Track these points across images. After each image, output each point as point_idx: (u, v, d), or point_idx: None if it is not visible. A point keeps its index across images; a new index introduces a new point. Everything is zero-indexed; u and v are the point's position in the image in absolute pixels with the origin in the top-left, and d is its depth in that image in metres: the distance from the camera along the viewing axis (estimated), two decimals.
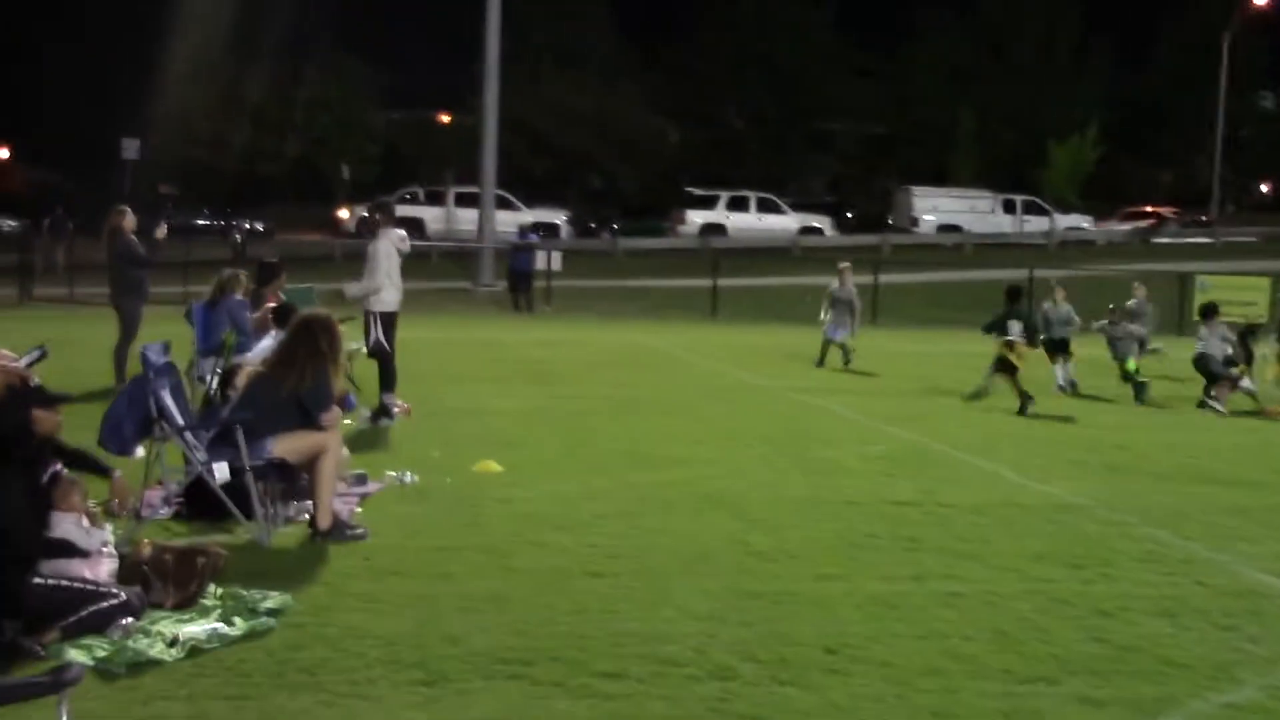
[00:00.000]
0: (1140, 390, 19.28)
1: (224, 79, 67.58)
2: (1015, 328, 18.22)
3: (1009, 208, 61.41)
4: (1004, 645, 7.03)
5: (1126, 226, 62.77)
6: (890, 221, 62.16)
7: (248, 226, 55.06)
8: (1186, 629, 7.44)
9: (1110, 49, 74.62)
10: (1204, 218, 65.80)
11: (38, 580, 6.59)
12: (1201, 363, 19.13)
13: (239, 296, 14.62)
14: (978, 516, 10.30)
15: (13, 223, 52.70)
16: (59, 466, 7.18)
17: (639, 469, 12.00)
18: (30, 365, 4.59)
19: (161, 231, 16.98)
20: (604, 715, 5.88)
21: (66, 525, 7.01)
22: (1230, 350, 19.26)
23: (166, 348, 9.33)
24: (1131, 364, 20.12)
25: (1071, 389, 20.24)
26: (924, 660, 6.73)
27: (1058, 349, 20.68)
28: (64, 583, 6.69)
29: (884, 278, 36.73)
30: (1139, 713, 6.14)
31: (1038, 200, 62.95)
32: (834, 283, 23.56)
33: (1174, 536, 9.87)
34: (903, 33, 75.24)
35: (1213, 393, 18.60)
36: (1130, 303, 23.33)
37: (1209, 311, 20.02)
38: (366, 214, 15.17)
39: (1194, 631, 7.40)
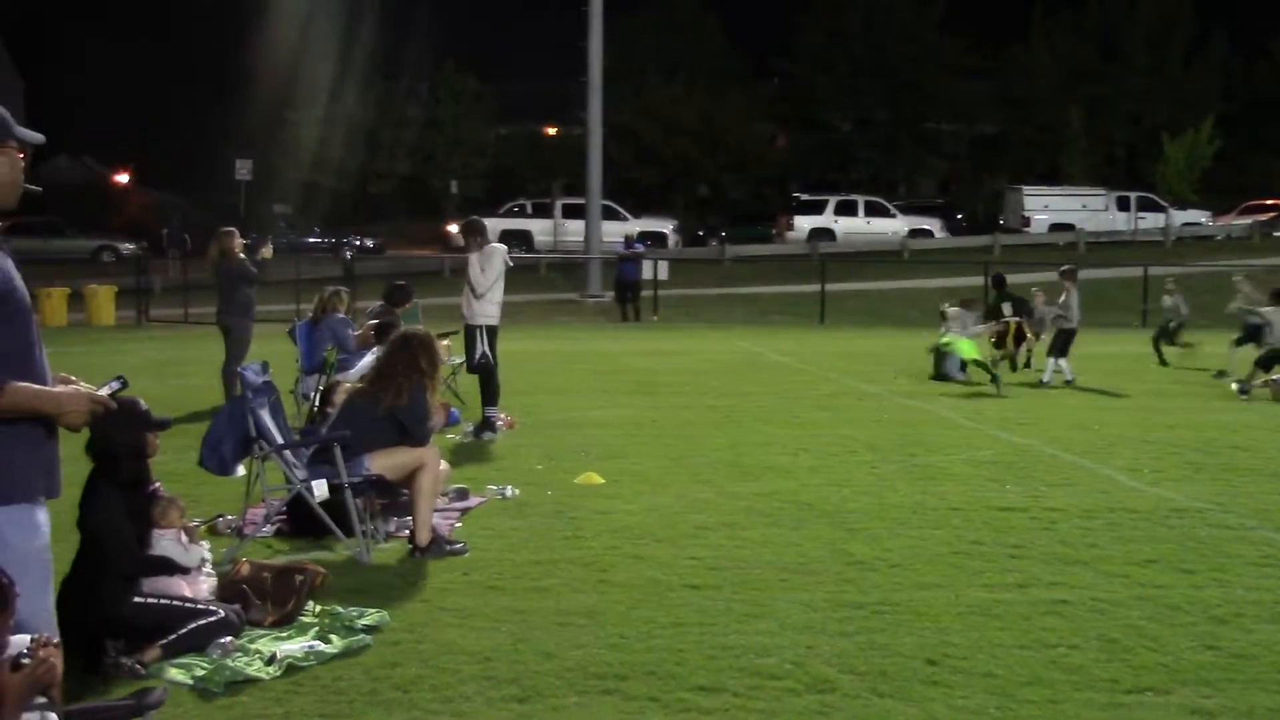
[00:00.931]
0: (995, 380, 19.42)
1: (336, 101, 68.55)
2: (1008, 309, 21.46)
3: (1123, 205, 60.38)
4: (1111, 654, 6.84)
5: (1246, 220, 61.40)
6: (1001, 222, 61.43)
7: (358, 243, 55.72)
8: None
9: (1226, 40, 73.15)
10: None
11: (138, 599, 6.67)
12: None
13: (341, 314, 14.76)
14: (1086, 521, 10.08)
15: (131, 245, 53.80)
16: (157, 484, 7.27)
17: (741, 479, 11.91)
18: (110, 395, 4.62)
19: (268, 251, 17.18)
20: None
21: (165, 542, 7.09)
22: None
23: (265, 367, 9.42)
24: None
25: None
26: (1028, 670, 6.58)
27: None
28: (164, 601, 6.77)
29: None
30: None
31: (1153, 196, 61.84)
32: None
33: None
34: (1012, 32, 74.39)
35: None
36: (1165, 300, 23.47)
37: None
38: (465, 231, 15.14)
39: None
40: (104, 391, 4.59)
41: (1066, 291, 21.03)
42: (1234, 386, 18.97)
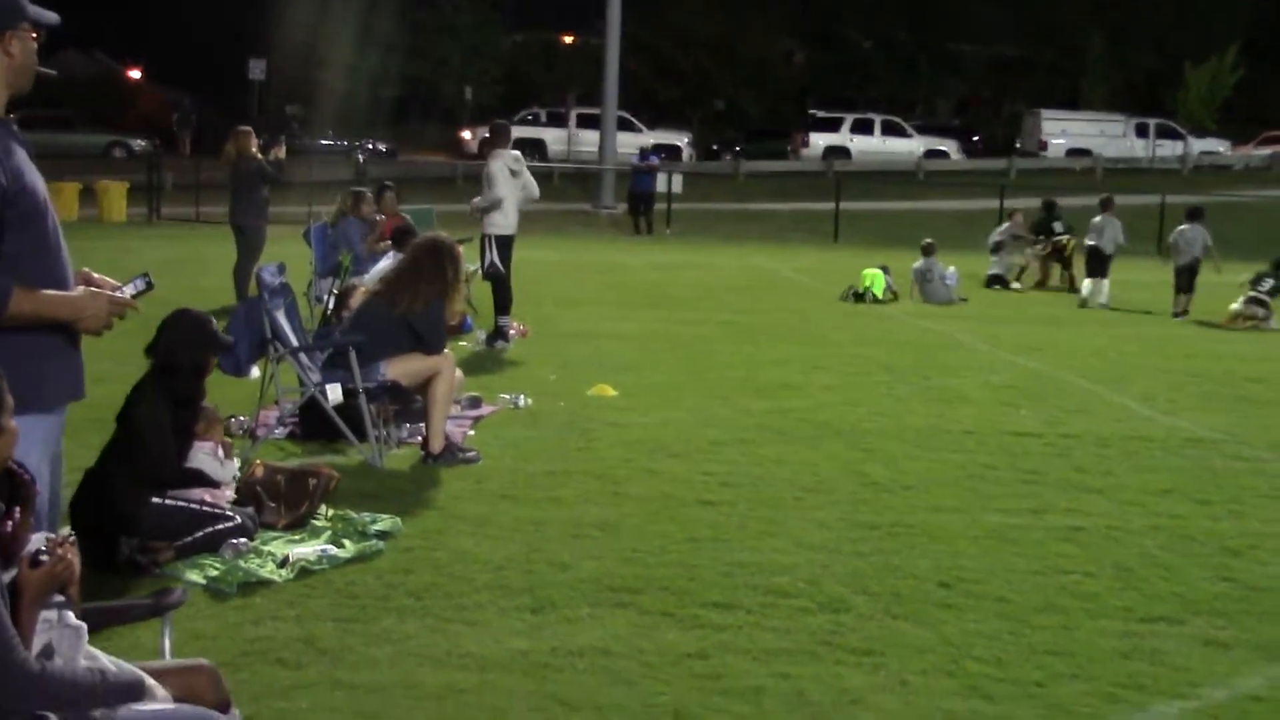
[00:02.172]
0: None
1: (351, 2, 67.88)
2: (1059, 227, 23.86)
3: (1141, 132, 59.88)
4: (1126, 582, 6.81)
5: (1266, 151, 60.90)
6: (1018, 145, 60.99)
7: (370, 147, 55.40)
8: None
9: None
10: None
11: (156, 500, 6.63)
12: None
13: (357, 218, 14.67)
14: (1102, 449, 10.03)
15: (143, 142, 53.52)
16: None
17: (756, 396, 11.87)
18: (136, 296, 4.53)
19: (281, 151, 17.02)
20: (712, 646, 5.78)
21: (202, 455, 7.09)
22: None
23: (282, 268, 9.35)
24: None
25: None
26: (1042, 597, 6.55)
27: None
28: (181, 503, 6.74)
29: (1009, 202, 36.00)
30: (1267, 656, 5.91)
31: (1172, 124, 61.32)
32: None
33: None
34: None
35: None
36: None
37: None
38: (487, 135, 15.08)
39: None
40: (127, 291, 4.50)
41: (1104, 217, 22.16)
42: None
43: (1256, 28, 70.24)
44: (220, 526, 6.69)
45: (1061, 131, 59.54)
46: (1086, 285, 21.79)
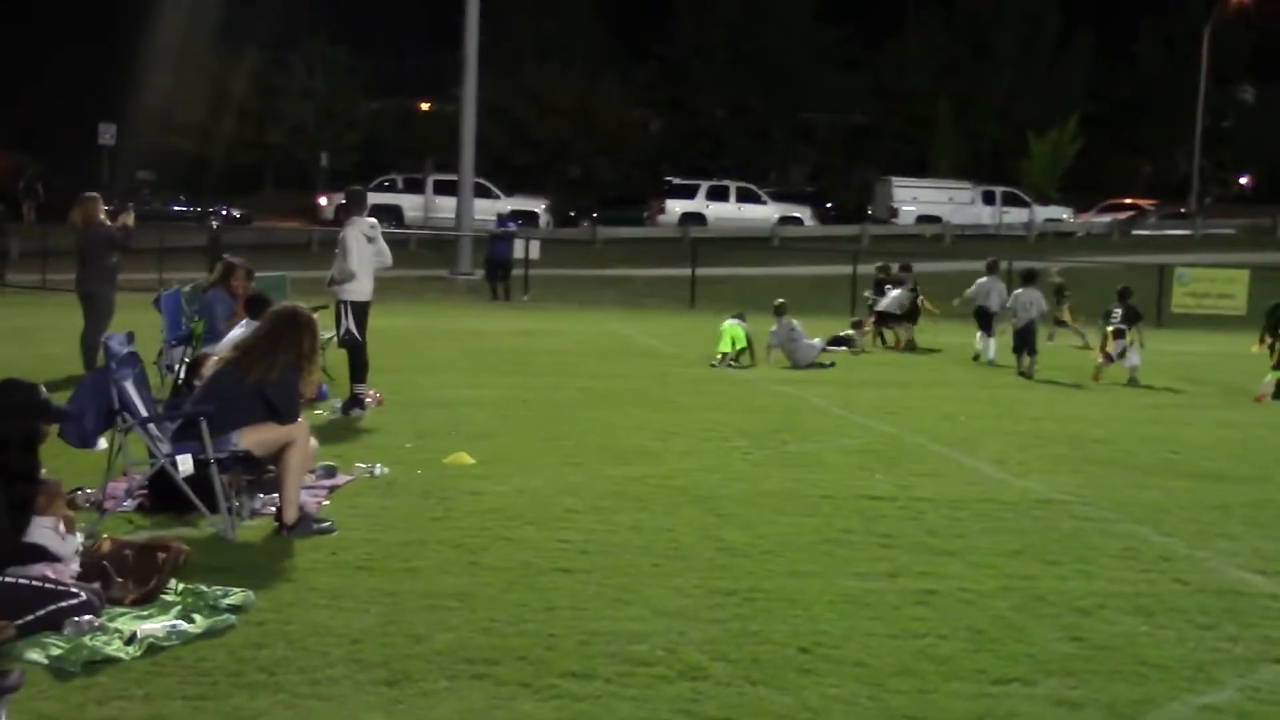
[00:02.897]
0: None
1: (205, 67, 67.13)
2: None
3: (988, 199, 61.40)
4: (979, 644, 6.90)
5: (1106, 218, 62.74)
6: (870, 212, 62.11)
7: (225, 213, 54.71)
8: (1164, 628, 7.33)
9: (1092, 41, 74.56)
10: (1183, 210, 65.80)
11: None
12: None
13: (223, 289, 14.42)
14: (955, 512, 10.18)
15: None
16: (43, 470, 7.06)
17: (613, 462, 11.86)
18: None
19: (129, 218, 16.67)
20: (571, 717, 5.75)
21: (42, 530, 6.88)
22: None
23: (130, 337, 9.17)
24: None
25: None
26: (898, 660, 6.61)
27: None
28: (22, 580, 6.53)
29: (862, 268, 36.56)
30: (1115, 715, 6.03)
31: (1017, 191, 62.94)
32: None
33: (1153, 532, 9.77)
34: (886, 25, 75.07)
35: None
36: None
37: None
38: (343, 201, 15.04)
39: (1172, 630, 7.29)
40: None
41: (989, 279, 23.94)
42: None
43: (1095, 99, 72.53)
44: (64, 604, 6.48)
45: (912, 198, 60.86)
46: (979, 340, 23.40)
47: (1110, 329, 20.96)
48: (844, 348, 24.12)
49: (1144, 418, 16.59)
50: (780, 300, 22.42)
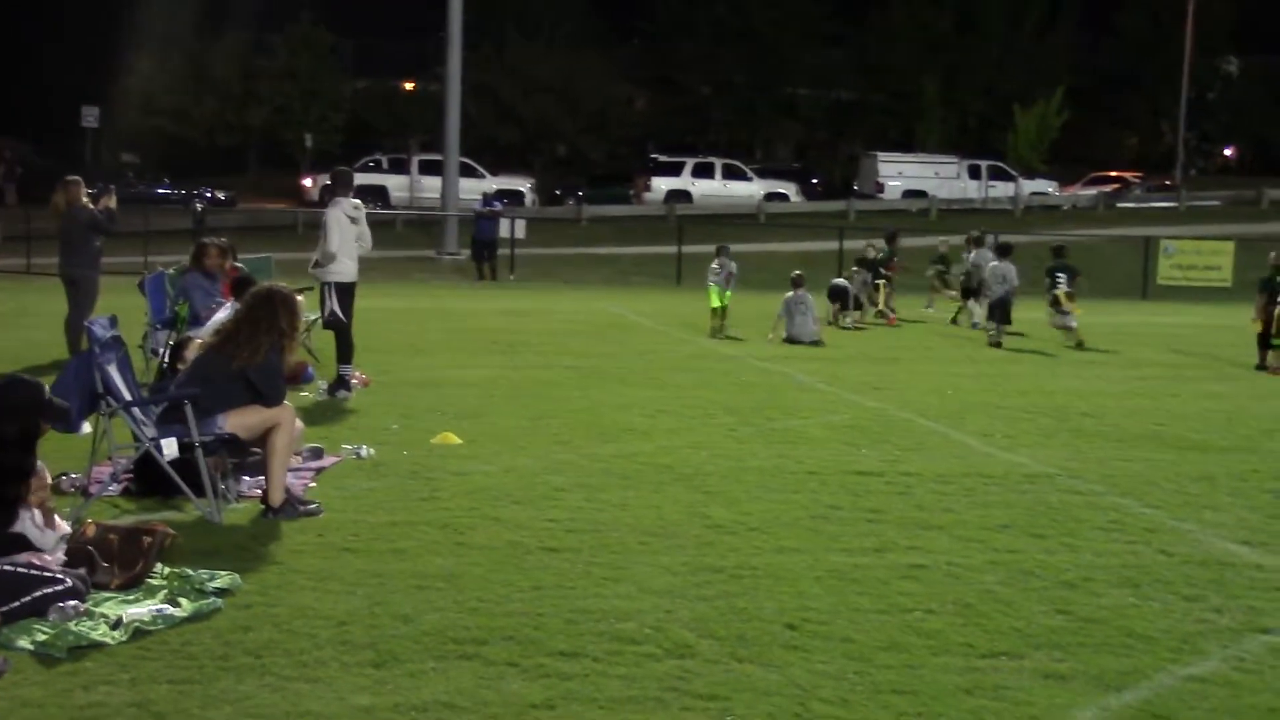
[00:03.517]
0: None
1: (187, 48, 66.85)
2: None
3: (974, 173, 61.39)
4: (967, 618, 6.91)
5: (1091, 191, 62.76)
6: (856, 187, 62.08)
7: (209, 195, 54.55)
8: (1150, 600, 7.35)
9: (1076, 14, 74.48)
10: (1168, 182, 65.84)
11: None
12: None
13: (198, 271, 14.39)
14: (942, 486, 10.20)
15: None
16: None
17: (600, 441, 11.86)
18: None
19: (111, 200, 16.57)
20: (558, 696, 5.74)
21: (22, 520, 6.85)
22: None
23: (114, 321, 9.14)
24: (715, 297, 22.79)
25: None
26: (886, 635, 6.62)
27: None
28: (7, 567, 6.52)
29: (849, 243, 36.58)
30: (1103, 686, 6.04)
31: (1003, 165, 62.93)
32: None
33: (1139, 504, 9.79)
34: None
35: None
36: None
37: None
38: (328, 182, 14.95)
39: (1158, 602, 7.31)
40: None
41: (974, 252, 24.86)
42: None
43: (1080, 72, 72.49)
44: (48, 590, 6.45)
45: (898, 173, 60.79)
46: (971, 306, 24.84)
47: (1061, 291, 22.13)
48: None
49: (1130, 390, 16.62)
50: (798, 272, 22.50)
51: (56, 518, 7.28)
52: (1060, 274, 22.54)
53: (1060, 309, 22.21)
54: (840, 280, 25.81)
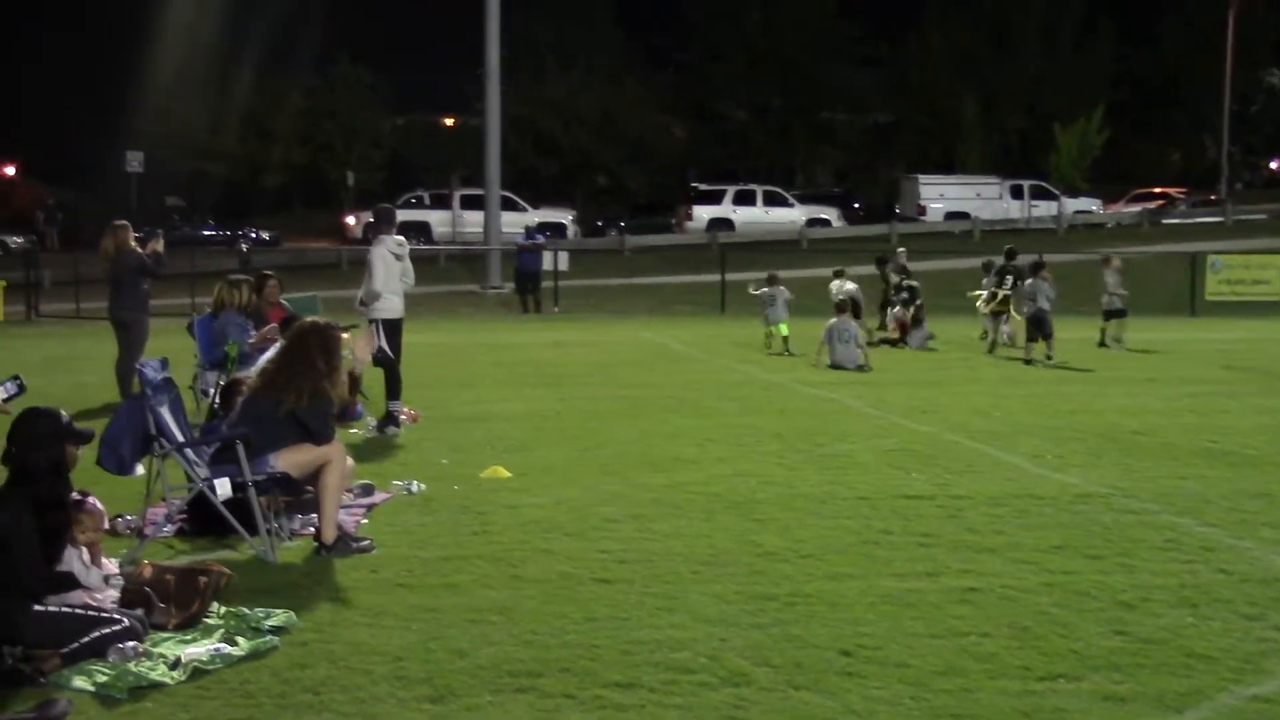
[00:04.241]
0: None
1: (227, 90, 67.58)
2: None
3: (1016, 193, 61.22)
4: (1023, 641, 6.88)
5: (1135, 208, 62.46)
6: (897, 210, 61.98)
7: (254, 235, 55.00)
8: (1210, 619, 7.28)
9: (1115, 29, 74.30)
10: (1213, 197, 65.44)
11: (38, 607, 6.47)
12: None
13: (235, 308, 14.49)
14: (994, 509, 10.14)
15: (19, 240, 52.74)
16: (89, 496, 7.11)
17: (650, 471, 11.86)
18: (7, 400, 4.45)
19: (159, 245, 16.77)
20: None
21: (71, 559, 6.91)
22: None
23: (164, 364, 9.21)
24: (783, 328, 23.99)
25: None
26: (941, 660, 6.59)
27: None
28: (65, 609, 6.58)
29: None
30: (1163, 708, 5.99)
31: (1045, 184, 62.72)
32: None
33: (1195, 523, 9.71)
34: (906, 21, 75.02)
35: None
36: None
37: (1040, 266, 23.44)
38: (371, 220, 15.06)
39: (1218, 622, 7.24)
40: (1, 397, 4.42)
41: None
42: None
43: (1119, 88, 72.25)
44: (107, 630, 6.51)
45: (939, 195, 60.71)
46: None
47: (1006, 292, 23.69)
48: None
49: (1181, 407, 16.49)
50: (841, 298, 22.49)
51: (104, 558, 7.34)
52: (1008, 277, 24.03)
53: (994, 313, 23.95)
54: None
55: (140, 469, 9.11)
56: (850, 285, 24.73)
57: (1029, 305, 22.48)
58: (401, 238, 14.93)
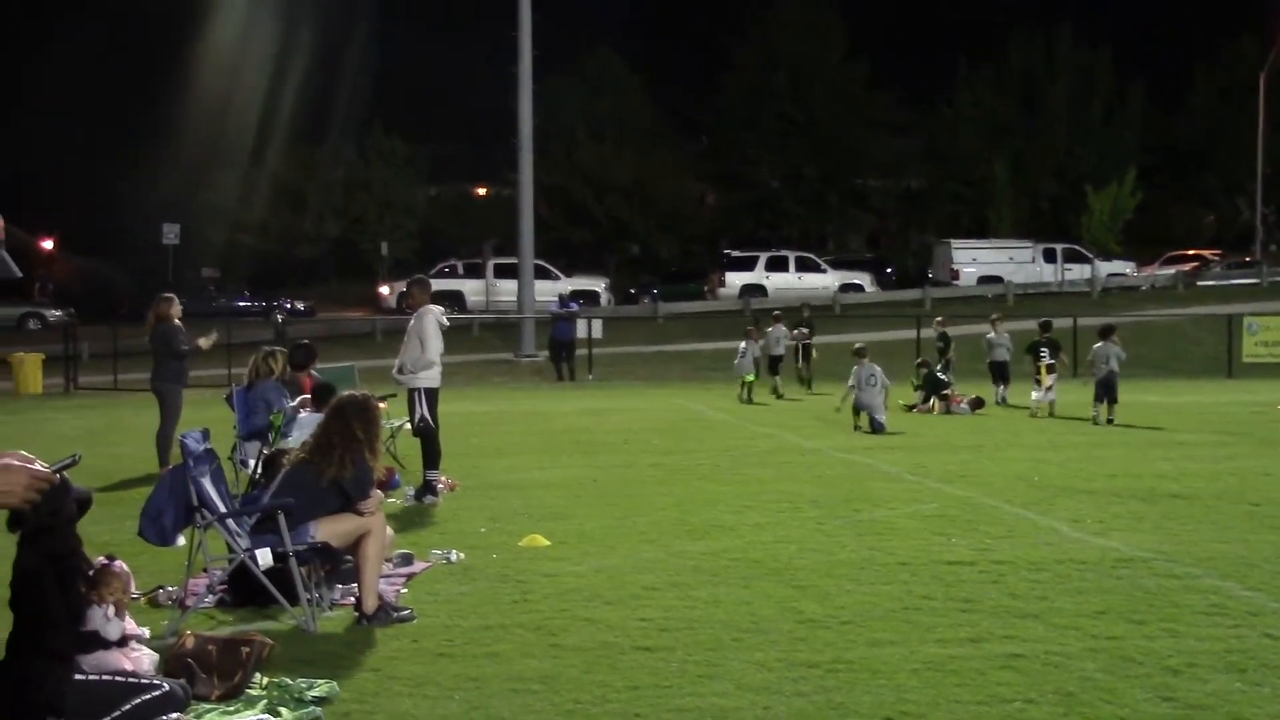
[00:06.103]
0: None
1: (260, 161, 68.31)
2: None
3: (1050, 257, 61.18)
4: (1069, 708, 6.81)
5: (1169, 271, 62.32)
6: (930, 275, 62.00)
7: (289, 306, 55.39)
8: (1258, 685, 7.20)
9: (1145, 92, 74.41)
10: (1248, 259, 65.23)
11: (79, 676, 6.48)
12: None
13: (274, 378, 14.58)
14: (1035, 574, 10.08)
15: (58, 312, 53.24)
16: (117, 560, 7.13)
17: (688, 538, 11.84)
18: (60, 470, 4.50)
19: (205, 342, 16.93)
20: None
21: (93, 614, 6.93)
22: None
23: (206, 435, 9.26)
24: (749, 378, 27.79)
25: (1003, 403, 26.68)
26: None
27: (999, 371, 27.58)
28: (106, 677, 6.58)
29: (925, 332, 36.45)
30: None
31: (1078, 248, 62.66)
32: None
33: (1239, 587, 9.62)
34: (936, 87, 75.35)
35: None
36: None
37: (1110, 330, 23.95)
38: (405, 290, 15.19)
39: (1266, 687, 7.16)
40: (53, 467, 4.47)
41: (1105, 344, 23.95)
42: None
43: (1151, 151, 72.23)
44: (147, 696, 6.50)
45: (972, 260, 60.71)
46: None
47: (1044, 363, 24.31)
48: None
49: (1221, 470, 16.37)
50: (860, 344, 22.76)
51: (134, 623, 7.34)
52: (1044, 349, 24.71)
53: (1041, 384, 24.38)
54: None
55: (182, 539, 9.15)
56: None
57: (1099, 368, 22.97)
58: (441, 307, 15.04)
